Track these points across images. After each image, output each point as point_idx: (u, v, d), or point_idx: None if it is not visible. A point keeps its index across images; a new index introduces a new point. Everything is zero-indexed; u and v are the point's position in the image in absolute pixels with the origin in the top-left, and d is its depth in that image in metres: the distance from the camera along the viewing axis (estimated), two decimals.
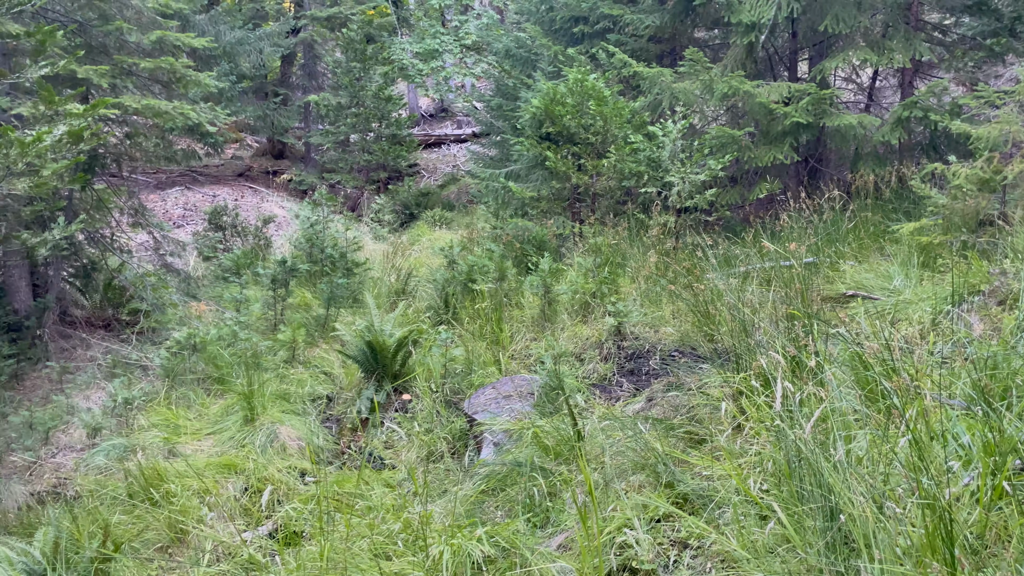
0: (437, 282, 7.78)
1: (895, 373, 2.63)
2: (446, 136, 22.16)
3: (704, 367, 4.44)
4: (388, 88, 15.50)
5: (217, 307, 7.96)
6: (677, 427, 3.09)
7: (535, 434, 3.62)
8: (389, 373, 6.13)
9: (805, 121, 8.20)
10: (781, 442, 2.12)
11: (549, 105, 8.29)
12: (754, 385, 2.70)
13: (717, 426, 3.00)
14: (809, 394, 2.32)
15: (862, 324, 4.23)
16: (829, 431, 2.23)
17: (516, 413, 4.90)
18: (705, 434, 3.00)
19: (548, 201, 8.66)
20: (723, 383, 3.58)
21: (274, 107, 16.70)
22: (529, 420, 4.20)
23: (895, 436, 2.05)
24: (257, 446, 5.24)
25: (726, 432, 2.62)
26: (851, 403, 2.34)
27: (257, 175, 17.76)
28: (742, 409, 2.88)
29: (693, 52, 8.49)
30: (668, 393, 4.38)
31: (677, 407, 3.93)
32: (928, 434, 1.92)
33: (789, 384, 2.13)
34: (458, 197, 16.99)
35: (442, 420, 5.58)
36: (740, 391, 3.01)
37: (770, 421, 2.31)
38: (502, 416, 5.00)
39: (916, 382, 2.21)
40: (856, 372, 2.87)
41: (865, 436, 2.18)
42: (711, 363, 5.05)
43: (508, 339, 6.70)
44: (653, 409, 4.14)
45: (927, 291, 6.11)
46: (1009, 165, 6.66)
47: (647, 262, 6.88)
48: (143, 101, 5.99)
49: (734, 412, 2.83)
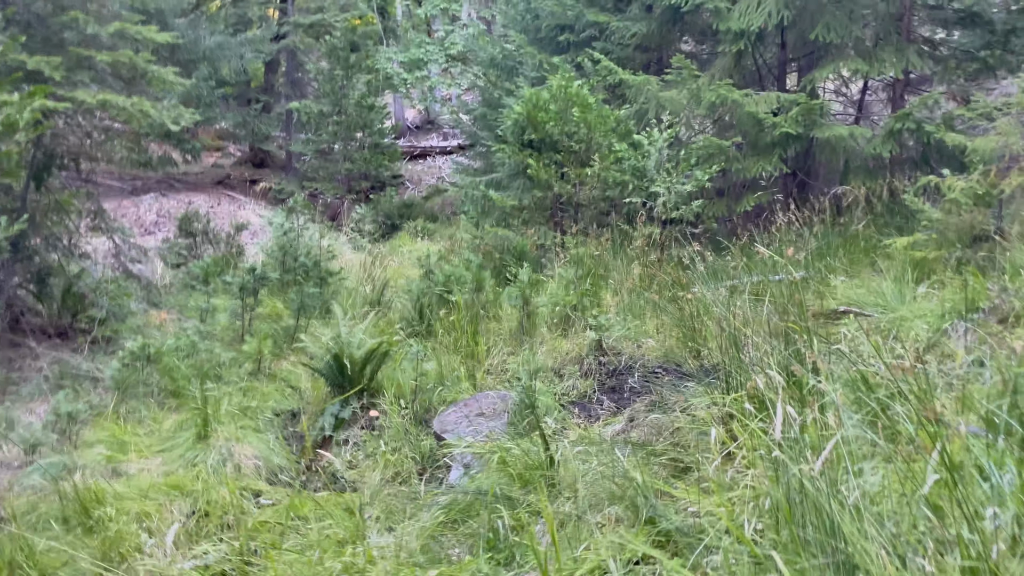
0: (412, 293, 7.44)
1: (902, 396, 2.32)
2: (432, 148, 21.87)
3: (689, 385, 4.12)
4: (372, 97, 15.19)
5: (181, 316, 7.59)
6: (660, 453, 2.78)
7: (501, 460, 3.29)
8: (356, 388, 5.78)
9: (795, 132, 7.95)
10: (781, 476, 1.81)
11: (532, 111, 8.00)
12: (747, 408, 2.39)
13: (704, 453, 2.68)
14: (812, 420, 2.01)
15: (864, 341, 3.92)
16: (835, 463, 1.92)
17: (487, 433, 4.56)
18: (691, 462, 2.69)
19: (530, 210, 8.36)
20: (711, 404, 3.27)
21: (255, 114, 16.35)
22: (499, 442, 3.87)
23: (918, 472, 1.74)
24: (209, 465, 4.87)
25: (715, 461, 2.31)
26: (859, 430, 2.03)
27: (236, 183, 17.37)
28: (733, 435, 2.57)
29: (680, 60, 8.24)
30: (651, 414, 4.06)
31: (660, 429, 3.61)
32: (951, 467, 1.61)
33: (792, 409, 1.82)
34: (442, 209, 16.69)
35: (411, 439, 5.23)
36: (731, 414, 2.70)
37: (767, 450, 2.00)
38: (473, 435, 4.66)
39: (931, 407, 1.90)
40: (857, 394, 2.57)
41: (876, 471, 1.87)
42: (697, 381, 4.74)
43: (484, 353, 6.36)
44: (634, 431, 3.82)
45: (922, 308, 5.84)
46: (1006, 178, 6.42)
47: (631, 274, 6.58)
48: (99, 96, 5.64)
49: (724, 439, 2.52)
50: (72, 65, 5.78)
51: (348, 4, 17.72)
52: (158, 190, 15.09)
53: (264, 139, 17.13)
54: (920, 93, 9.70)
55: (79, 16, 5.73)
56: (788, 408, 1.83)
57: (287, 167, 17.51)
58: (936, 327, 5.36)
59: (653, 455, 2.83)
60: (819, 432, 2.00)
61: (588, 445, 3.29)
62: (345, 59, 14.98)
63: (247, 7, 18.48)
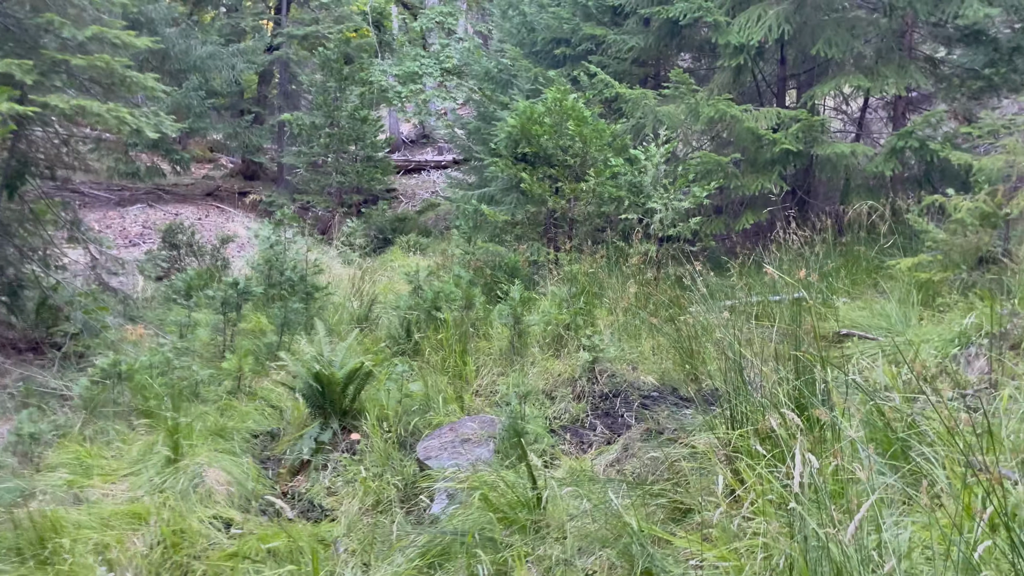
0: (400, 309, 7.19)
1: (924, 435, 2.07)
2: (426, 162, 21.70)
3: (687, 412, 3.87)
4: (365, 109, 15.00)
5: (159, 332, 7.32)
6: (658, 494, 2.53)
7: (484, 496, 3.02)
8: (338, 409, 5.51)
9: (795, 149, 7.75)
10: (797, 530, 1.57)
11: (526, 124, 7.79)
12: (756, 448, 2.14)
13: (707, 496, 2.43)
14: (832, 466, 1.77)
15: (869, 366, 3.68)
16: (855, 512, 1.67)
17: (474, 460, 4.30)
18: (692, 504, 2.44)
19: (522, 226, 8.13)
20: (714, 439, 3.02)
21: (246, 125, 16.13)
22: (485, 472, 3.61)
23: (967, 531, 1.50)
24: (178, 491, 4.59)
25: (719, 508, 2.06)
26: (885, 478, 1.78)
27: (226, 195, 17.13)
28: (739, 475, 2.33)
29: (679, 73, 8.05)
30: (647, 443, 3.81)
31: (657, 462, 3.36)
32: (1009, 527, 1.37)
33: (812, 456, 1.58)
34: (435, 223, 16.48)
35: (393, 464, 4.96)
36: (736, 450, 2.45)
37: (779, 497, 1.75)
38: (459, 461, 4.40)
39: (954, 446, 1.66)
40: (875, 433, 2.32)
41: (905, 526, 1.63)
42: (696, 408, 4.50)
43: (473, 373, 6.11)
44: (629, 462, 3.57)
45: (929, 332, 5.61)
46: (1013, 199, 6.22)
47: (626, 293, 6.34)
48: (72, 101, 5.40)
49: (730, 480, 2.27)
50: (46, 69, 5.55)
51: (343, 16, 17.54)
52: (146, 201, 14.84)
53: (256, 151, 16.90)
54: (920, 111, 9.53)
55: (55, 19, 5.50)
56: (810, 456, 1.59)
57: (278, 179, 17.28)
58: (944, 352, 5.13)
59: (650, 496, 2.58)
60: (839, 477, 1.76)
61: (579, 479, 3.03)
62: (339, 71, 14.79)
63: (241, 18, 18.31)
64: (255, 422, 6.12)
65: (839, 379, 2.91)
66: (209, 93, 15.38)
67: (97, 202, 14.80)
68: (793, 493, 1.54)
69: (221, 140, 17.04)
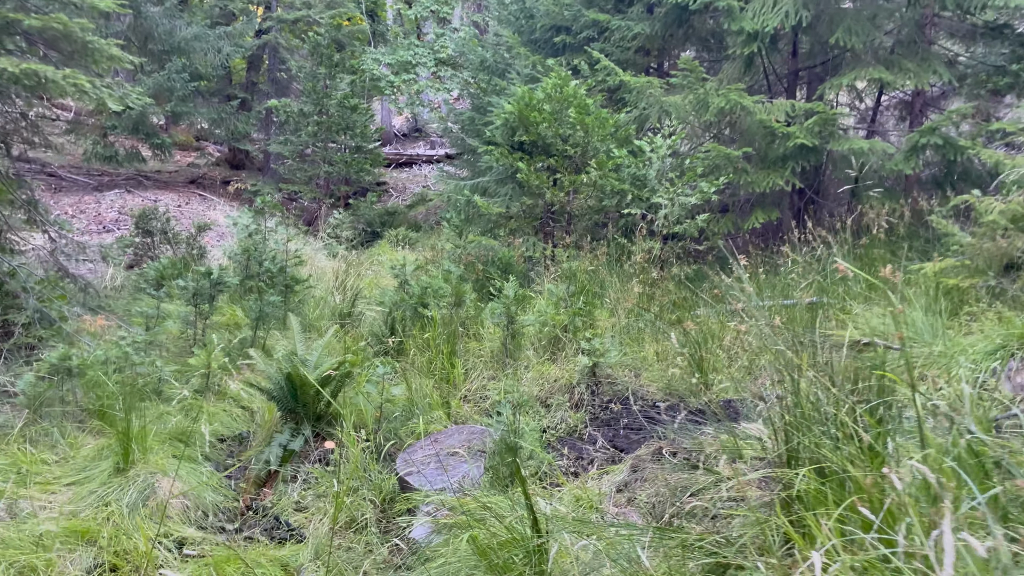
0: (384, 305, 6.67)
1: None
2: (418, 156, 21.18)
3: (707, 431, 3.38)
4: (356, 98, 14.45)
5: (124, 323, 6.78)
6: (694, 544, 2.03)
7: (473, 538, 2.51)
8: (311, 413, 5.00)
9: (811, 143, 7.27)
10: None
11: (524, 110, 7.28)
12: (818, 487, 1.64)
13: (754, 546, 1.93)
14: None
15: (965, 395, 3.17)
16: None
17: (461, 479, 3.79)
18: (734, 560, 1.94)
19: (518, 219, 7.61)
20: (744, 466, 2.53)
21: (231, 111, 15.53)
22: (473, 498, 3.10)
23: None
24: (126, 504, 4.06)
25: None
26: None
27: (210, 183, 16.54)
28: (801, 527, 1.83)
29: (688, 60, 7.55)
30: (659, 465, 3.31)
31: (675, 491, 2.86)
32: None
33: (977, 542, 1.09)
34: (426, 218, 15.97)
35: (371, 477, 4.45)
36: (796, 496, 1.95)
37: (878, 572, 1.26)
38: (444, 480, 3.89)
39: None
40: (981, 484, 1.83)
41: None
42: (712, 423, 4.00)
43: (461, 377, 5.60)
44: (641, 488, 3.07)
45: (961, 343, 5.15)
46: None
47: (629, 293, 5.84)
48: (23, 65, 4.86)
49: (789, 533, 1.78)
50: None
51: (335, 2, 16.96)
52: (124, 187, 14.25)
53: (242, 138, 16.30)
54: (937, 110, 9.07)
55: None
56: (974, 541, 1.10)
57: (265, 168, 16.71)
58: (983, 366, 4.67)
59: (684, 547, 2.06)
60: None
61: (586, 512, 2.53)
62: (328, 57, 14.25)
63: (230, 0, 17.70)
64: (223, 424, 5.59)
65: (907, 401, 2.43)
66: (193, 76, 14.78)
67: (75, 187, 14.21)
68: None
69: (207, 127, 16.44)
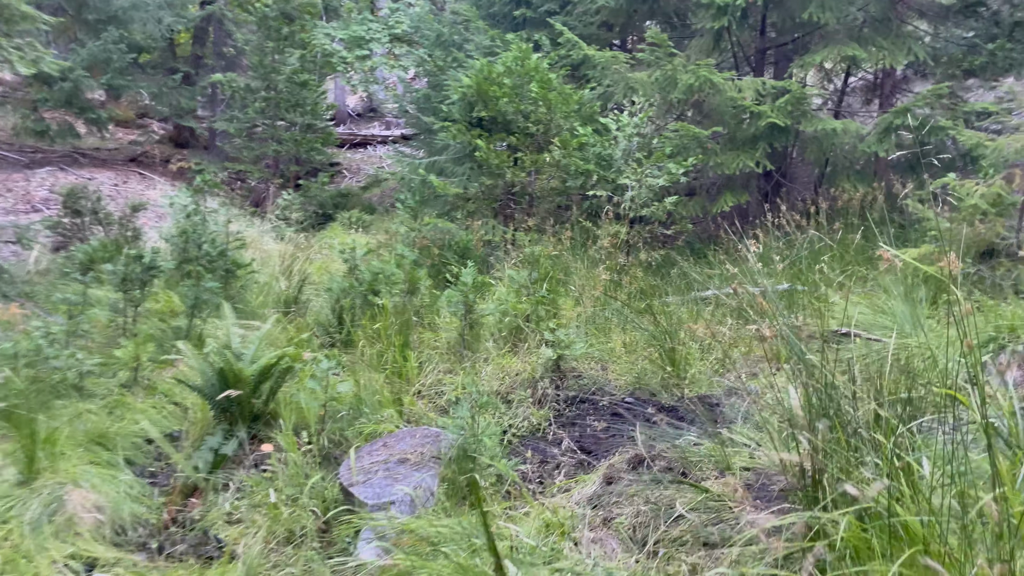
0: (332, 292, 6.18)
1: None
2: (373, 137, 20.54)
3: (690, 437, 3.01)
4: (306, 73, 13.79)
5: (43, 311, 6.19)
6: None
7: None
8: (247, 413, 4.52)
9: (783, 123, 6.95)
10: None
11: (483, 84, 6.82)
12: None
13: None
14: None
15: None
16: None
17: (412, 489, 3.37)
18: None
19: (476, 200, 7.17)
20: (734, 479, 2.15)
21: (174, 85, 14.73)
22: (426, 521, 2.69)
23: None
24: (27, 521, 3.55)
25: None
26: None
27: (152, 162, 15.74)
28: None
29: (656, 33, 7.17)
30: (636, 476, 2.93)
31: (659, 506, 2.48)
32: None
33: None
34: (381, 200, 15.42)
35: (312, 484, 3.99)
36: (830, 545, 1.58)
37: None
38: (394, 490, 3.46)
39: None
40: None
41: None
42: (689, 423, 3.64)
43: (415, 371, 5.16)
44: (618, 506, 2.68)
45: (946, 334, 4.87)
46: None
47: (596, 280, 5.46)
48: None
49: None
50: None
51: None
52: (58, 164, 13.42)
53: (187, 115, 15.53)
54: (903, 92, 8.85)
55: None
56: None
57: (210, 146, 15.95)
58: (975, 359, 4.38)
59: None
60: None
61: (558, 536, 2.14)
62: (277, 30, 13.56)
63: None
64: (152, 423, 5.07)
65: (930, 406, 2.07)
66: (132, 48, 13.97)
67: (4, 164, 13.34)
68: None
69: (151, 103, 15.61)
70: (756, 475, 2.78)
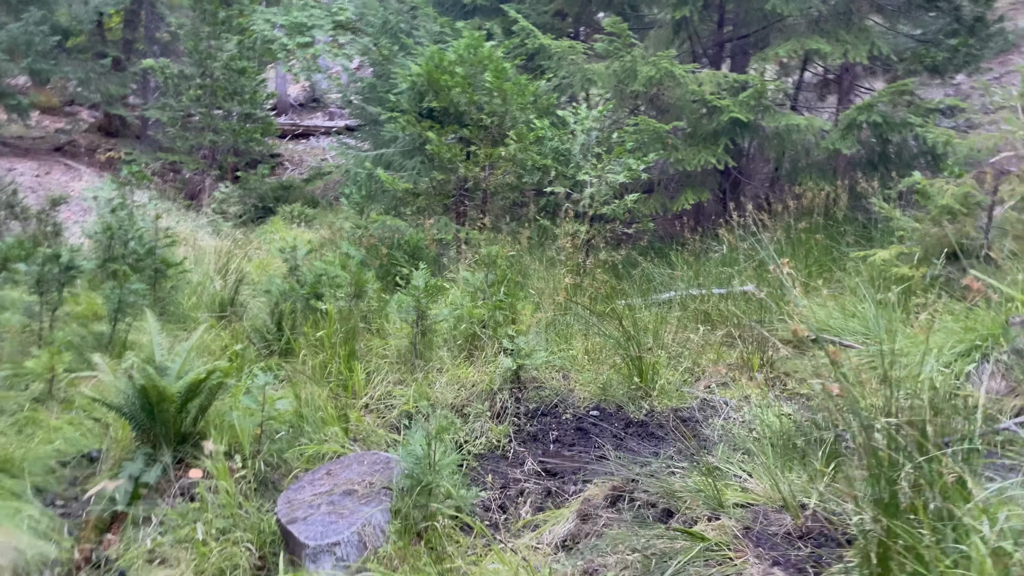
0: (271, 295, 5.71)
1: None
2: (316, 127, 19.87)
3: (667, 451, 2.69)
4: (244, 60, 13.13)
5: None
6: None
7: None
8: (172, 434, 4.05)
9: (745, 118, 6.71)
10: None
11: (433, 73, 6.41)
12: None
13: None
14: None
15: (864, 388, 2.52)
16: None
17: (361, 527, 2.97)
18: None
19: (427, 196, 6.75)
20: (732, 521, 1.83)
21: (102, 70, 13.91)
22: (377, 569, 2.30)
23: None
24: None
25: None
26: None
27: (80, 152, 14.88)
28: None
29: (615, 23, 6.85)
30: (615, 513, 2.59)
31: (647, 557, 2.14)
32: None
33: None
34: (324, 193, 14.86)
35: (248, 516, 3.56)
36: None
37: None
38: (339, 527, 3.05)
39: None
40: None
41: None
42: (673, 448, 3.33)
43: (362, 383, 4.74)
44: (602, 554, 2.33)
45: (923, 340, 4.67)
46: (1004, 182, 5.37)
47: (559, 284, 5.11)
48: None
49: None
50: None
51: None
52: None
53: (117, 102, 14.70)
54: (860, 88, 8.72)
55: None
56: None
57: (142, 135, 15.15)
58: (958, 369, 4.18)
59: None
60: None
61: None
62: (213, 13, 12.89)
63: None
64: (68, 442, 4.56)
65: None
66: (57, 30, 13.12)
67: None
68: None
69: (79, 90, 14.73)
70: (752, 513, 2.47)
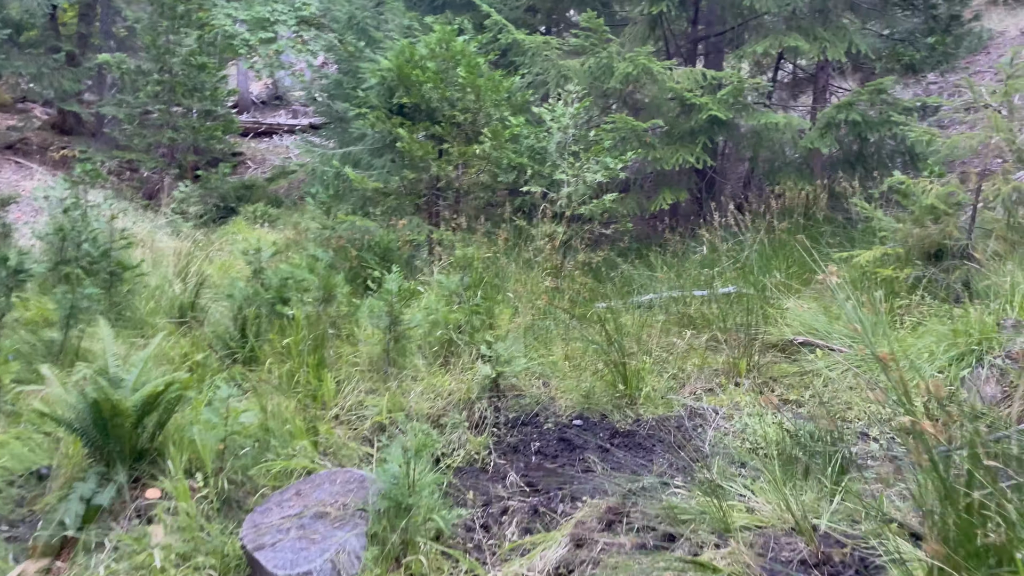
0: (234, 299, 5.42)
1: None
2: (279, 125, 19.46)
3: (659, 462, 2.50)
4: (204, 56, 12.74)
5: None
6: None
7: None
8: (128, 450, 3.76)
9: (724, 117, 6.57)
10: None
11: (404, 67, 6.17)
12: None
13: None
14: None
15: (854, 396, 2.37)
16: None
17: (334, 554, 2.74)
18: None
19: (398, 196, 6.50)
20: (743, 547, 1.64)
21: (55, 65, 13.40)
22: None
23: None
24: None
25: None
26: None
27: (31, 149, 14.33)
28: None
29: (591, 18, 6.67)
30: (612, 535, 2.39)
31: None
32: None
33: None
34: (288, 192, 14.51)
35: (211, 539, 3.30)
36: None
37: None
38: (310, 554, 2.81)
39: None
40: None
41: None
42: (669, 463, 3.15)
43: (332, 392, 4.49)
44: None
45: (914, 344, 4.55)
46: (988, 182, 5.29)
47: (537, 287, 4.91)
48: None
49: None
50: None
51: None
52: None
53: (71, 98, 14.17)
54: (835, 87, 8.66)
55: None
56: None
57: (97, 133, 14.64)
58: (953, 374, 4.06)
59: None
60: None
61: None
62: (172, 7, 12.47)
63: None
64: (14, 459, 4.24)
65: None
66: (8, 24, 12.62)
67: None
68: None
69: (31, 86, 14.18)
70: (762, 537, 2.29)
